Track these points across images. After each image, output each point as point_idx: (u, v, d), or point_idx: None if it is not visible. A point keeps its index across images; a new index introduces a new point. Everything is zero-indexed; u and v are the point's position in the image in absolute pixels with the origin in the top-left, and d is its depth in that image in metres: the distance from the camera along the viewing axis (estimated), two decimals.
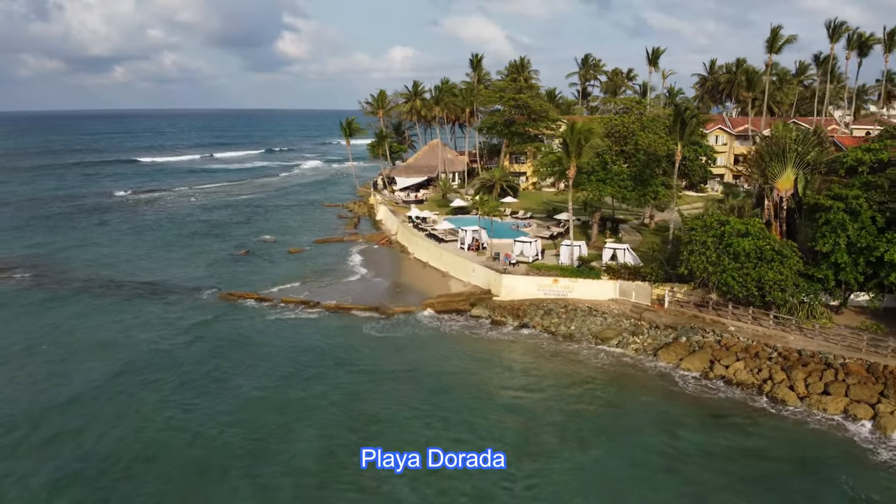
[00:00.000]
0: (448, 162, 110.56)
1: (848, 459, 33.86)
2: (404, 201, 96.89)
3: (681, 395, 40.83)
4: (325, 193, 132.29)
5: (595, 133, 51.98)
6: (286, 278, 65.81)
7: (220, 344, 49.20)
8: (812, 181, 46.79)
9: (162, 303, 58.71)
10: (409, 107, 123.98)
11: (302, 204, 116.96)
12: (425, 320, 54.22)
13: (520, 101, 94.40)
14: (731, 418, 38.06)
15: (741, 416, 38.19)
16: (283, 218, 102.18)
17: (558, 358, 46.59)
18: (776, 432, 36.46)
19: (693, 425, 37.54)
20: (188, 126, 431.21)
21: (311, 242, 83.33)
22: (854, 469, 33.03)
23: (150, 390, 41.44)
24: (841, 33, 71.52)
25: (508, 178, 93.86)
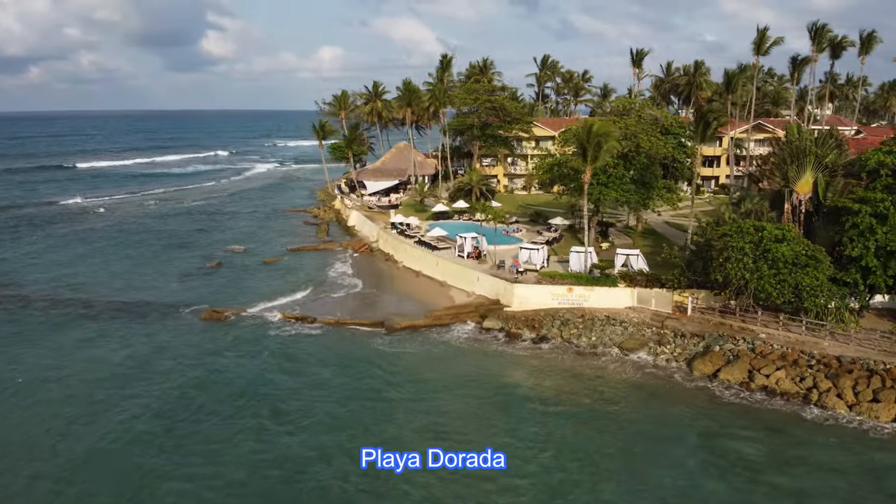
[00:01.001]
0: (419, 165, 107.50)
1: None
2: (379, 207, 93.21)
3: (726, 407, 39.28)
4: (282, 198, 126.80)
5: (612, 136, 50.25)
6: (271, 292, 61.41)
7: (226, 373, 44.58)
8: (834, 184, 46.46)
9: (143, 325, 53.37)
10: (369, 108, 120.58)
11: (261, 210, 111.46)
12: (434, 334, 51.20)
13: (496, 103, 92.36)
14: (787, 430, 36.74)
15: (797, 428, 36.92)
16: (246, 225, 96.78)
17: (586, 372, 44.38)
18: (838, 443, 35.30)
19: (747, 438, 35.97)
20: (115, 128, 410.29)
21: (285, 251, 78.79)
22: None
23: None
24: (824, 35, 72.66)
25: (486, 182, 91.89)
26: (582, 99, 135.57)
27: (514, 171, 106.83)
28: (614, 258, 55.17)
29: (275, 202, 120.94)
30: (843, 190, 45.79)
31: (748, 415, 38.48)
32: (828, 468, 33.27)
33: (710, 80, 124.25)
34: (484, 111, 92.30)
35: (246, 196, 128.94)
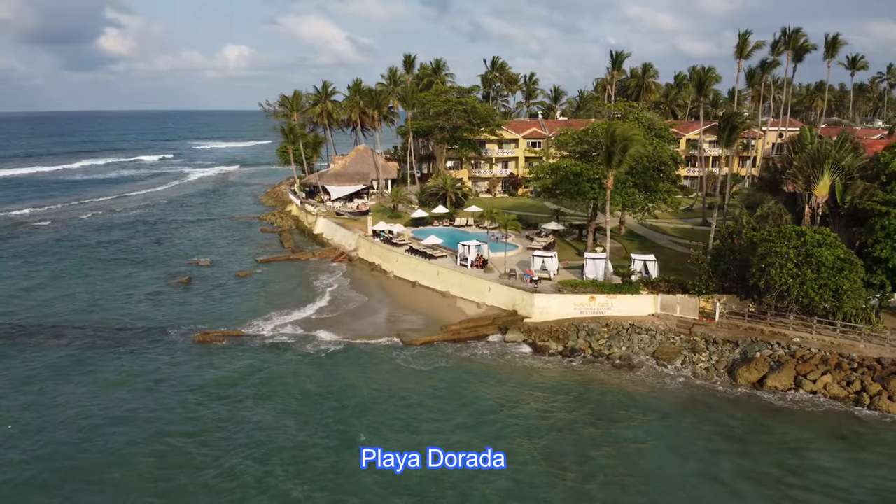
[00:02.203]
0: (382, 169, 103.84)
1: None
2: (350, 213, 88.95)
3: (782, 416, 38.66)
4: (226, 204, 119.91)
5: (637, 140, 49.03)
6: (258, 309, 56.83)
7: (248, 404, 40.22)
8: (853, 187, 47.09)
9: (129, 354, 47.68)
10: (319, 109, 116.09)
11: (208, 218, 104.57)
12: (455, 350, 48.41)
13: (468, 106, 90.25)
14: (853, 435, 36.45)
15: (863, 431, 36.73)
16: (200, 235, 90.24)
17: (628, 387, 42.73)
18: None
19: (817, 448, 35.38)
20: (16, 132, 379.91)
21: (254, 263, 73.61)
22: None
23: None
24: (798, 38, 74.68)
25: (459, 186, 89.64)
26: (535, 101, 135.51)
27: (479, 175, 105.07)
28: (631, 263, 54.12)
29: (220, 209, 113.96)
30: (863, 193, 46.42)
31: (807, 422, 37.98)
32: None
33: (658, 82, 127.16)
34: (456, 113, 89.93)
35: (186, 203, 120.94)
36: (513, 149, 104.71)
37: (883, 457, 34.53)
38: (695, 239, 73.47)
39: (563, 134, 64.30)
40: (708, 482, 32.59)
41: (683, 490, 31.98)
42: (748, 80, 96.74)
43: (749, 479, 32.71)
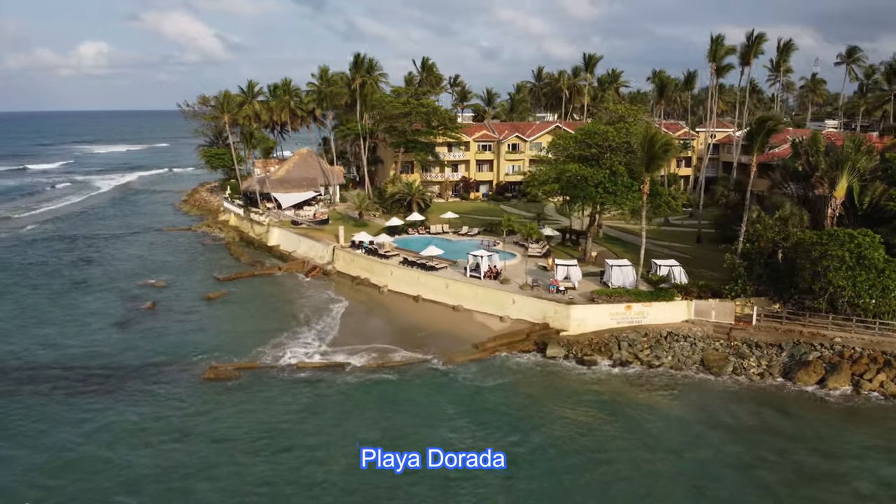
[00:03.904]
0: (329, 173, 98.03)
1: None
2: (310, 222, 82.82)
3: (859, 417, 39.01)
4: (145, 215, 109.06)
5: (675, 146, 48.04)
6: (256, 335, 50.93)
7: (309, 457, 35.10)
8: (872, 188, 48.74)
9: (128, 399, 40.70)
10: (245, 110, 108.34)
11: (134, 231, 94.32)
12: (493, 367, 45.35)
13: (428, 108, 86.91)
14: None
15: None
16: (136, 252, 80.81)
17: (691, 397, 41.79)
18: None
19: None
20: None
21: (215, 281, 66.58)
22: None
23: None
24: (762, 42, 77.34)
25: (424, 192, 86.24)
26: (469, 104, 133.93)
27: (430, 179, 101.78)
28: (656, 269, 53.27)
29: (141, 221, 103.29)
30: (882, 194, 48.16)
31: (883, 422, 38.46)
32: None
33: (592, 85, 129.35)
34: (417, 115, 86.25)
35: (100, 216, 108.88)
36: (462, 151, 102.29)
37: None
38: (668, 238, 74.59)
39: (561, 137, 62.61)
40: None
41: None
42: (686, 84, 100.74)
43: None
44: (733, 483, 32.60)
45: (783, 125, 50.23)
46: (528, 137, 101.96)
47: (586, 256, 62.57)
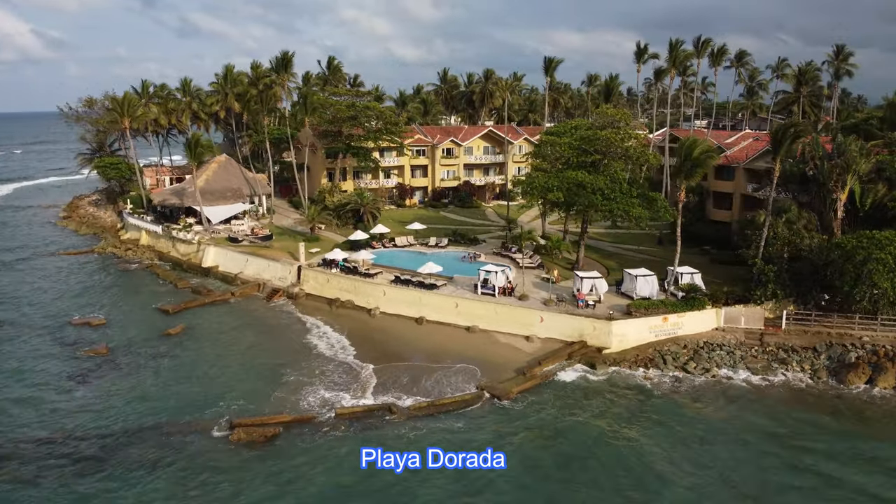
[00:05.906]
0: (254, 183, 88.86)
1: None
2: (252, 239, 73.92)
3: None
4: (27, 237, 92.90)
5: (713, 156, 46.80)
6: (263, 380, 43.95)
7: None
8: (875, 190, 50.65)
9: (147, 473, 32.60)
10: (155, 112, 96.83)
11: (22, 258, 79.50)
12: (559, 395, 41.70)
13: (375, 111, 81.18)
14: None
15: None
16: (44, 285, 67.66)
17: (752, 406, 40.91)
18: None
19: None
20: None
21: (162, 315, 57.32)
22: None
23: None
24: (707, 47, 79.51)
25: (376, 202, 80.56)
26: (384, 106, 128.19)
27: (364, 185, 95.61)
28: (675, 277, 52.12)
29: (24, 243, 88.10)
30: (885, 195, 50.26)
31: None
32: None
33: (503, 87, 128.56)
34: (364, 119, 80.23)
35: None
36: (396, 157, 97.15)
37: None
38: (628, 242, 74.65)
39: (552, 144, 59.74)
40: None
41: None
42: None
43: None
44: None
45: (806, 131, 50.87)
46: (463, 142, 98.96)
47: (579, 265, 60.56)
